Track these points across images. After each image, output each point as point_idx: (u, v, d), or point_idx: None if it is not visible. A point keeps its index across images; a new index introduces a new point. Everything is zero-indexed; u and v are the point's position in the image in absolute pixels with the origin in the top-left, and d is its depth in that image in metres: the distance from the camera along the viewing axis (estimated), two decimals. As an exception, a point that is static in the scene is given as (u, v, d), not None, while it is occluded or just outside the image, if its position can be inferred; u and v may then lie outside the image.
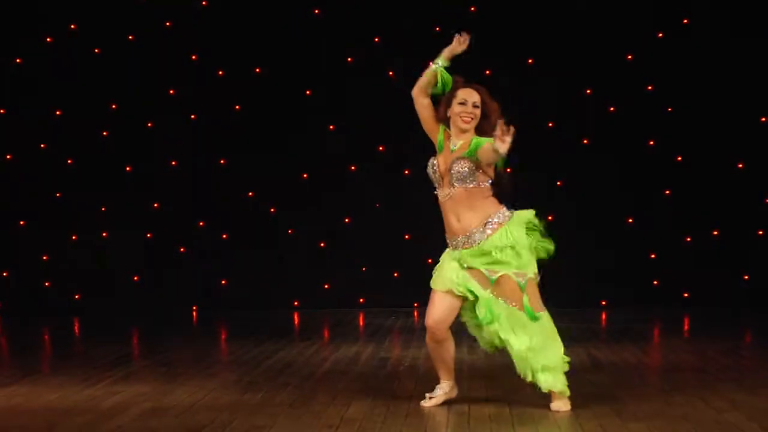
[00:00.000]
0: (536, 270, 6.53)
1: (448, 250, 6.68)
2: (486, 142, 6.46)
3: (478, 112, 6.57)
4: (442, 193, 6.61)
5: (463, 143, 6.58)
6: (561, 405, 6.51)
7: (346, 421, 6.22)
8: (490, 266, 6.49)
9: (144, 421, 6.27)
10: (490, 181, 6.57)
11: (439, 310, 6.59)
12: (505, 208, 6.58)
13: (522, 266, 6.49)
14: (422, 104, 6.69)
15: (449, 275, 6.58)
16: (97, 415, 6.46)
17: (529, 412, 6.44)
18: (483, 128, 6.60)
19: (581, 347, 9.48)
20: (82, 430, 6.08)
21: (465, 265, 6.54)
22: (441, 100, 6.66)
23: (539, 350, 6.44)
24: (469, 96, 6.59)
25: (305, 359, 8.86)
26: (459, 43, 6.58)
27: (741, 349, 9.80)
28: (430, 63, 6.63)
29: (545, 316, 6.51)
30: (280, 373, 8.07)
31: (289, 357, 9.01)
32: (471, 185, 6.53)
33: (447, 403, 6.70)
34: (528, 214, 6.58)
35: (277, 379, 7.80)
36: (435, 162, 6.65)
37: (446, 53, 6.60)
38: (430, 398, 6.72)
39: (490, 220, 6.52)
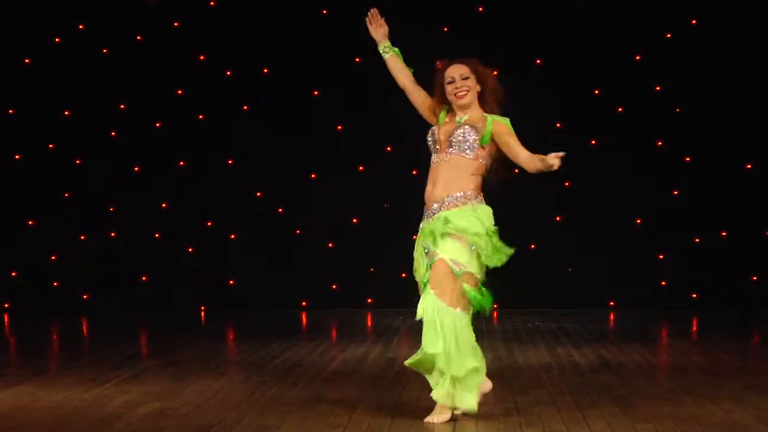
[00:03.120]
0: (478, 270, 6.31)
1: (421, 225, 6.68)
2: (506, 133, 6.28)
3: (470, 83, 6.40)
4: (435, 159, 6.43)
5: (471, 117, 6.39)
6: (436, 417, 6.23)
7: (354, 421, 6.22)
8: (433, 241, 6.51)
9: (152, 420, 6.27)
10: (486, 166, 6.37)
11: None
12: (482, 197, 6.39)
13: (458, 254, 6.34)
14: (417, 98, 6.62)
15: (421, 269, 6.76)
16: (105, 414, 6.46)
17: (536, 412, 6.44)
18: (483, 97, 6.43)
19: (590, 348, 9.48)
20: (90, 429, 6.08)
21: (426, 249, 6.62)
22: (434, 87, 6.52)
23: (451, 357, 6.18)
24: (456, 71, 6.42)
25: (313, 359, 8.87)
26: (373, 24, 6.73)
27: (749, 350, 9.80)
28: (383, 56, 6.76)
29: (464, 318, 6.28)
30: (288, 373, 8.07)
31: (297, 357, 9.01)
32: (468, 154, 6.34)
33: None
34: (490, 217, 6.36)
35: (285, 379, 7.80)
36: (435, 129, 6.46)
37: (377, 37, 6.75)
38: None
39: (462, 193, 6.33)
